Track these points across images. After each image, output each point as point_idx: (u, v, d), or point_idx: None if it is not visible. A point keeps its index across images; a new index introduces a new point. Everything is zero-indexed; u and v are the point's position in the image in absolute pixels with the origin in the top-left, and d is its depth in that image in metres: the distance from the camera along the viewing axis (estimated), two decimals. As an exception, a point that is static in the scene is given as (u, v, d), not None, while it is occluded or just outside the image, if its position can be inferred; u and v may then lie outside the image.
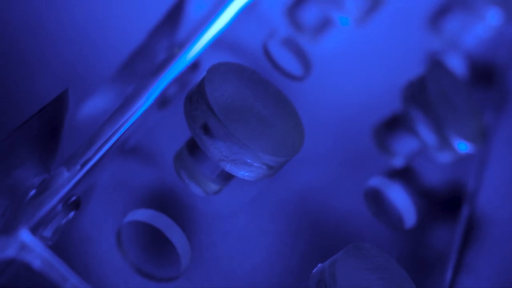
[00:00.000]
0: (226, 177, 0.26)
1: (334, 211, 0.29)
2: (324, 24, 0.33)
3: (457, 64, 0.37)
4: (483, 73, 0.37)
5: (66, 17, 0.32)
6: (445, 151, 0.30)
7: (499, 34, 0.37)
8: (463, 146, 0.30)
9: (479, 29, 0.37)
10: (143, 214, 0.25)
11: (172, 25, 0.30)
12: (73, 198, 0.24)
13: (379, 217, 0.29)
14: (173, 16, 0.30)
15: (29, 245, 0.21)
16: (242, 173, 0.25)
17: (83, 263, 0.24)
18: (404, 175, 0.31)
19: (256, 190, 0.28)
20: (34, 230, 0.22)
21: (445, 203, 0.32)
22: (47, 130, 0.24)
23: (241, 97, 0.25)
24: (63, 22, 0.32)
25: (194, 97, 0.25)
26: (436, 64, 0.31)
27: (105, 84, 0.29)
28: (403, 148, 0.31)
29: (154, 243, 0.25)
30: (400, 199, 0.30)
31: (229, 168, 0.24)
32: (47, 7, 0.32)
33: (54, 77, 0.30)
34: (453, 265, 0.30)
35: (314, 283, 0.24)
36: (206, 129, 0.24)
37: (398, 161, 0.31)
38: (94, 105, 0.29)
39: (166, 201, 0.27)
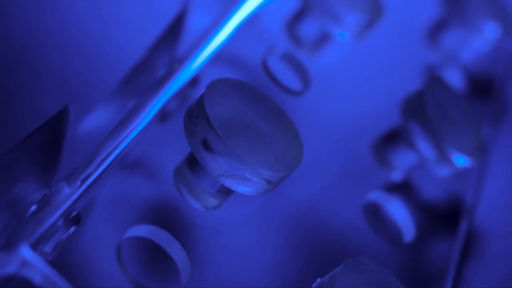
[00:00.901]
0: (226, 192, 0.26)
1: (333, 225, 0.29)
2: (323, 39, 0.33)
3: (455, 78, 0.37)
4: (481, 86, 0.38)
5: (67, 32, 0.32)
6: (444, 165, 0.30)
7: (496, 48, 0.38)
8: (461, 160, 0.30)
9: (477, 43, 0.37)
10: (143, 230, 0.25)
11: (172, 40, 0.30)
12: (74, 213, 0.24)
13: (378, 231, 0.29)
14: (173, 31, 0.30)
15: (29, 262, 0.21)
16: (241, 188, 0.25)
17: (84, 278, 0.24)
18: (403, 189, 0.31)
19: (256, 205, 0.28)
20: (35, 246, 0.22)
21: (443, 217, 0.32)
22: (48, 146, 0.25)
23: (240, 112, 0.25)
24: (63, 38, 0.32)
25: (194, 113, 0.25)
26: (434, 79, 0.31)
27: (106, 99, 0.29)
28: (402, 162, 0.31)
29: (154, 259, 0.25)
30: (399, 213, 0.30)
31: (228, 183, 0.25)
32: (47, 22, 0.32)
33: (55, 93, 0.30)
34: (451, 279, 0.30)
35: (314, 298, 0.24)
36: (205, 145, 0.24)
37: (396, 175, 0.31)
38: (95, 120, 0.29)
39: (166, 216, 0.27)
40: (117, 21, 0.33)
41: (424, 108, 0.30)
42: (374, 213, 0.30)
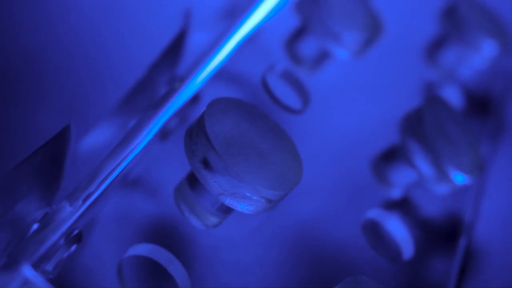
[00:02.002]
0: (226, 210, 0.26)
1: (332, 243, 0.30)
2: (322, 57, 0.34)
3: (453, 96, 0.37)
4: (479, 104, 0.38)
5: (67, 51, 0.32)
6: (442, 182, 0.30)
7: (495, 66, 0.38)
8: (460, 178, 0.30)
9: (475, 60, 0.37)
10: (143, 249, 0.25)
11: (173, 59, 0.30)
12: (75, 232, 0.24)
13: (377, 248, 0.30)
14: (174, 50, 0.30)
15: (31, 281, 0.21)
16: (241, 206, 0.25)
17: (84, 296, 0.25)
18: (402, 206, 0.31)
19: (255, 222, 0.28)
20: (36, 265, 0.22)
21: (442, 234, 0.32)
22: (50, 164, 0.25)
23: (240, 131, 0.25)
24: (64, 57, 0.32)
25: (194, 132, 0.25)
26: (432, 97, 0.31)
27: (107, 118, 0.29)
28: (400, 180, 0.31)
29: (155, 277, 0.25)
30: (398, 230, 0.30)
31: (228, 201, 0.25)
32: (48, 40, 0.33)
33: (56, 111, 0.30)
34: (451, 297, 0.30)
35: (313, 316, 0.24)
36: (205, 163, 0.25)
37: (396, 193, 0.32)
38: (96, 138, 0.29)
39: (167, 234, 0.27)
40: (118, 39, 0.34)
41: (422, 126, 0.30)
42: (373, 230, 0.30)
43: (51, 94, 0.31)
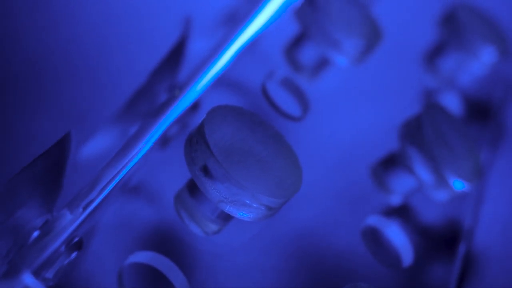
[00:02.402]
0: (226, 218, 0.26)
1: (332, 250, 0.30)
2: (322, 64, 0.34)
3: (453, 102, 0.37)
4: (478, 110, 0.38)
5: (68, 58, 0.33)
6: (442, 189, 0.30)
7: (494, 72, 0.38)
8: (459, 184, 0.30)
9: (474, 67, 0.37)
10: (144, 256, 0.25)
11: (173, 66, 0.30)
12: (76, 239, 0.24)
13: (376, 255, 0.30)
14: (174, 57, 0.30)
15: (32, 288, 0.22)
16: (241, 214, 0.25)
17: (85, 303, 0.25)
18: (401, 213, 0.32)
19: (255, 230, 0.29)
20: (37, 273, 0.22)
21: (442, 240, 0.32)
22: (50, 172, 0.25)
23: (240, 139, 0.25)
24: (65, 63, 0.32)
25: (194, 139, 0.25)
26: (431, 104, 0.32)
27: (107, 125, 0.29)
28: (400, 186, 0.31)
29: (155, 284, 0.25)
30: (398, 237, 0.30)
31: (228, 209, 0.25)
32: (48, 46, 0.33)
33: (56, 118, 0.31)
34: (450, 303, 0.30)
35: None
36: (205, 171, 0.25)
37: (395, 199, 0.32)
38: (96, 146, 0.29)
39: (167, 241, 0.27)
40: (118, 46, 0.34)
41: (422, 133, 0.30)
42: (373, 237, 0.30)
43: (51, 101, 0.31)
